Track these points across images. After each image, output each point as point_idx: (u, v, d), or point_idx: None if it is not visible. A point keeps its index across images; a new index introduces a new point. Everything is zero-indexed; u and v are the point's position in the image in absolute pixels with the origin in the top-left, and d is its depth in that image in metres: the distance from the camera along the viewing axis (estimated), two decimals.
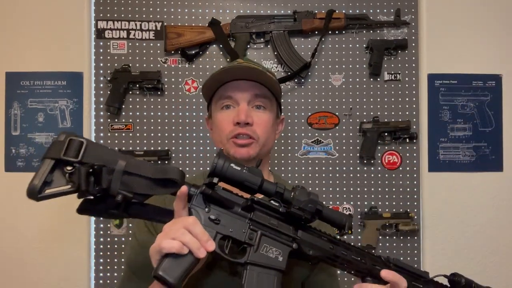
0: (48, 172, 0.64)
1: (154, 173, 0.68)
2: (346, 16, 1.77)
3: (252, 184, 0.71)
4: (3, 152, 1.74)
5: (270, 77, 0.96)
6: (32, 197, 0.63)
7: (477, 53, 1.81)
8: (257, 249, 0.72)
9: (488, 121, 1.80)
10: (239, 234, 0.72)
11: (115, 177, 0.66)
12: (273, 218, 0.74)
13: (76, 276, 1.72)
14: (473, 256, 1.77)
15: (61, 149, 0.65)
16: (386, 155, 1.78)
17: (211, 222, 0.70)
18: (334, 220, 0.74)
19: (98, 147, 0.69)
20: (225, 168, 0.70)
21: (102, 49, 1.78)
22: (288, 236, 0.74)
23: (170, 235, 0.65)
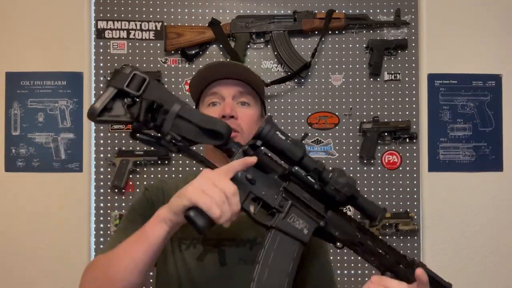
0: (110, 98, 0.68)
1: (204, 123, 0.71)
2: (346, 16, 1.77)
3: (293, 155, 0.72)
4: (3, 152, 1.74)
5: (253, 73, 1.00)
6: (91, 118, 0.68)
7: (477, 53, 1.81)
8: (285, 217, 0.73)
9: (488, 121, 1.80)
10: (271, 199, 0.73)
11: (168, 118, 0.70)
12: (306, 193, 0.75)
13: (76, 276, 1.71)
14: (473, 256, 1.77)
15: (125, 80, 0.69)
16: (386, 155, 1.79)
17: (246, 181, 0.72)
18: (367, 209, 0.74)
19: (159, 87, 0.73)
20: (270, 134, 0.72)
21: (102, 49, 1.78)
22: (317, 213, 0.75)
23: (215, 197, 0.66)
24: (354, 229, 0.75)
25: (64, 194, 1.73)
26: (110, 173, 1.73)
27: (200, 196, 0.65)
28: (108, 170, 1.74)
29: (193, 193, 0.66)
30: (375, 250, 0.75)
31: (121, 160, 1.71)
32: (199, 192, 0.66)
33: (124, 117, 0.69)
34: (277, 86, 1.78)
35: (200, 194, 0.66)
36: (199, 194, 0.65)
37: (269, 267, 0.71)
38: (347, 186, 0.71)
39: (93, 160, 1.76)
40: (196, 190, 0.66)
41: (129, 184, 1.74)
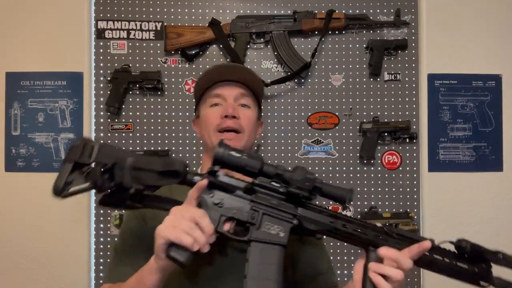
0: (68, 173, 0.73)
1: (160, 166, 0.76)
2: (346, 16, 1.77)
3: (252, 168, 0.76)
4: (3, 152, 1.74)
5: (256, 77, 1.04)
6: (57, 195, 0.72)
7: (477, 53, 1.81)
8: (259, 227, 0.77)
9: (488, 121, 1.80)
10: (242, 215, 0.78)
11: (126, 172, 0.75)
12: (274, 198, 0.79)
13: (76, 276, 1.72)
14: None
15: (78, 152, 0.75)
16: (386, 155, 1.79)
17: (215, 206, 0.77)
18: (334, 195, 0.77)
19: (110, 148, 0.78)
20: (225, 155, 0.76)
21: (102, 49, 1.78)
22: (288, 213, 0.78)
23: (183, 227, 0.71)
24: (327, 217, 0.79)
25: None
26: None
27: (170, 231, 0.71)
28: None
29: (164, 230, 0.71)
30: (351, 231, 0.78)
31: None
32: (169, 228, 0.71)
33: (86, 186, 0.75)
34: (277, 86, 1.78)
35: (170, 229, 0.71)
36: (169, 230, 0.71)
37: (257, 279, 0.75)
38: (307, 181, 0.76)
39: None
40: (166, 227, 0.72)
41: None
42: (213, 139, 1.00)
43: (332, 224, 0.78)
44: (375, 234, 0.79)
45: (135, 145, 1.75)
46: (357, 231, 0.78)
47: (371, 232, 0.79)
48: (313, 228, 0.79)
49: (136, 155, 0.78)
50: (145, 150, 1.74)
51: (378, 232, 0.79)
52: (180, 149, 1.77)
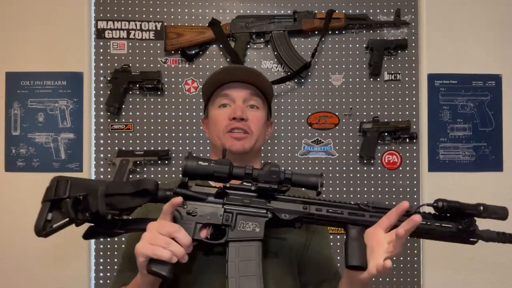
0: (46, 212, 0.79)
1: (131, 189, 0.80)
2: (346, 16, 1.77)
3: (221, 174, 0.79)
4: (3, 152, 1.74)
5: (265, 79, 1.05)
6: (39, 235, 0.78)
7: (477, 53, 1.81)
8: (234, 227, 0.81)
9: (488, 121, 1.80)
10: (216, 219, 0.81)
11: (100, 201, 0.79)
12: (246, 197, 0.83)
13: (76, 276, 1.72)
14: (472, 256, 1.77)
15: (52, 191, 0.81)
16: (386, 155, 1.79)
17: (189, 216, 0.81)
18: (304, 183, 0.81)
19: (82, 181, 0.83)
20: (194, 166, 0.79)
21: (102, 49, 1.78)
22: (261, 208, 0.82)
23: (160, 243, 0.74)
24: (299, 205, 0.82)
25: None
26: (110, 173, 1.73)
27: (148, 248, 0.74)
28: (108, 170, 1.74)
29: (142, 248, 0.75)
30: (326, 213, 0.81)
31: (121, 160, 1.71)
32: (147, 245, 0.74)
33: (65, 221, 0.79)
34: (277, 86, 1.78)
35: (147, 246, 0.74)
36: (147, 247, 0.74)
37: (237, 277, 0.78)
38: (273, 174, 0.80)
39: (93, 160, 1.76)
40: (144, 244, 0.75)
41: None
42: (222, 140, 1.01)
43: (305, 210, 0.81)
44: (351, 211, 0.81)
45: (135, 145, 1.75)
46: (332, 212, 0.81)
47: (347, 211, 0.81)
48: (288, 218, 0.82)
49: (107, 183, 0.82)
50: (145, 150, 1.74)
51: (353, 209, 0.82)
52: (180, 149, 1.77)
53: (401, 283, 1.75)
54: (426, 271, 1.76)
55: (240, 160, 1.02)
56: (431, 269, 1.76)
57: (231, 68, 1.04)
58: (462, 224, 0.80)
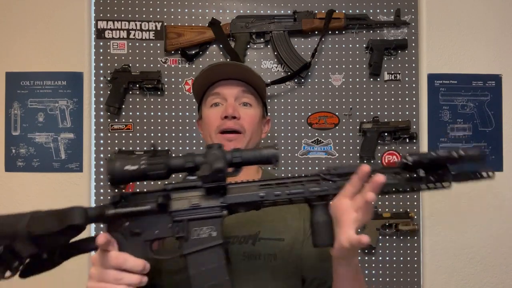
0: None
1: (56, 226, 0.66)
2: (346, 16, 1.77)
3: (157, 173, 0.69)
4: (3, 152, 1.74)
5: (255, 74, 1.00)
6: None
7: (477, 53, 1.81)
8: (188, 237, 0.70)
9: (488, 121, 1.80)
10: (166, 232, 0.71)
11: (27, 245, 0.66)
12: (194, 198, 0.72)
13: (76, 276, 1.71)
14: (473, 256, 1.78)
15: None
16: (386, 155, 1.79)
17: (134, 236, 0.70)
18: (257, 159, 0.71)
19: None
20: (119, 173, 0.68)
21: (102, 49, 1.78)
22: (214, 207, 0.71)
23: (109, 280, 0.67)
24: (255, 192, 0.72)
25: (64, 194, 1.73)
26: None
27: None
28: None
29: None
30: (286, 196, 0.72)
31: None
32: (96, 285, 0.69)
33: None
34: (277, 86, 1.78)
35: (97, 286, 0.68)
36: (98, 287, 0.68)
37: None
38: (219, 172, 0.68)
39: (93, 160, 1.76)
40: (94, 284, 0.69)
41: (129, 184, 1.73)
42: (214, 141, 0.98)
43: (263, 198, 0.71)
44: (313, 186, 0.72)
45: (135, 145, 1.75)
46: (293, 192, 0.72)
47: (308, 187, 0.72)
48: (245, 210, 0.73)
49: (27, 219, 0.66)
50: (145, 150, 1.74)
51: (315, 182, 0.72)
52: (180, 149, 1.77)
53: (401, 283, 1.75)
54: (426, 271, 1.76)
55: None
56: (431, 269, 1.76)
57: (219, 65, 0.99)
58: (434, 176, 0.71)
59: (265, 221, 0.92)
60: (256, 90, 1.03)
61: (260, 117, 1.04)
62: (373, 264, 1.76)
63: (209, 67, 0.99)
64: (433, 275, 1.76)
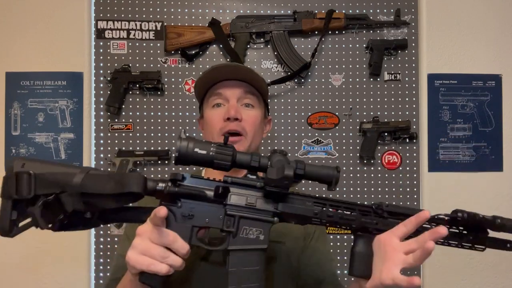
0: (10, 211, 0.65)
1: (113, 187, 0.65)
2: (346, 16, 1.77)
3: (223, 163, 0.69)
4: (3, 152, 1.74)
5: (257, 75, 1.01)
6: (6, 235, 0.66)
7: (477, 53, 1.81)
8: (236, 234, 0.71)
9: (488, 121, 1.80)
10: (216, 222, 0.71)
11: (76, 200, 0.65)
12: (251, 196, 0.72)
13: (76, 276, 1.72)
14: (473, 256, 1.78)
15: (13, 187, 0.65)
16: (386, 155, 1.79)
17: (184, 218, 0.70)
18: (319, 178, 0.71)
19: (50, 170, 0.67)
20: (189, 152, 0.68)
21: (102, 49, 1.78)
22: (268, 211, 0.72)
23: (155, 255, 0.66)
24: (310, 208, 0.72)
25: None
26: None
27: (142, 261, 0.66)
28: (108, 170, 1.74)
29: (134, 261, 0.67)
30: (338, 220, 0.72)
31: (121, 160, 1.71)
32: (140, 257, 0.66)
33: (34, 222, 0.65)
34: (277, 86, 1.78)
35: (141, 259, 0.66)
36: (140, 260, 0.66)
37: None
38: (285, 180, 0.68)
39: (93, 160, 1.76)
40: (137, 256, 0.67)
41: None
42: None
43: (316, 215, 0.72)
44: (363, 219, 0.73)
45: (135, 145, 1.75)
46: (344, 218, 0.73)
47: (359, 217, 0.73)
48: (295, 222, 0.73)
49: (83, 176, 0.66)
50: (145, 150, 1.74)
51: (366, 214, 0.73)
52: None
53: None
54: (426, 271, 1.76)
55: None
56: (431, 269, 1.76)
57: (222, 66, 0.99)
58: (475, 237, 0.76)
59: None
60: (258, 91, 1.02)
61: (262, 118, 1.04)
62: None
63: (213, 67, 0.99)
64: (433, 275, 1.76)
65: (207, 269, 0.88)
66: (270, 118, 1.12)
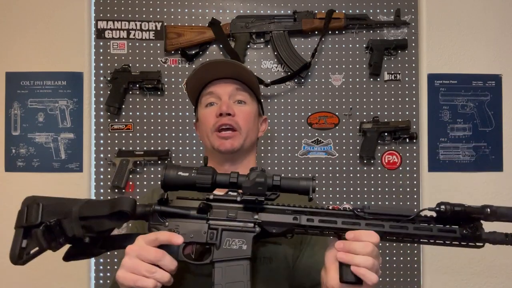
0: (21, 239, 0.76)
1: (106, 210, 0.73)
2: (346, 16, 1.77)
3: (204, 184, 0.74)
4: (3, 152, 1.74)
5: (248, 71, 1.02)
6: (16, 263, 0.74)
7: (477, 53, 1.81)
8: (219, 246, 0.75)
9: (488, 121, 1.80)
10: (200, 237, 0.75)
11: (75, 225, 0.74)
12: (232, 210, 0.76)
13: (76, 276, 1.72)
14: (473, 256, 1.78)
15: (23, 217, 0.77)
16: (386, 155, 1.78)
17: None
18: (295, 189, 0.75)
19: (54, 202, 0.78)
20: (173, 177, 0.74)
21: (102, 49, 1.78)
22: (248, 222, 0.76)
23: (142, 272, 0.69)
24: (289, 216, 0.75)
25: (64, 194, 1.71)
26: (110, 173, 1.73)
27: (130, 278, 0.69)
28: (108, 170, 1.75)
29: (123, 278, 0.70)
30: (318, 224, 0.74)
31: (121, 160, 1.71)
32: (128, 275, 0.70)
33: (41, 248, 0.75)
34: (277, 86, 1.78)
35: (129, 277, 0.69)
36: (129, 277, 0.69)
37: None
38: (259, 185, 0.73)
39: (93, 160, 1.76)
40: (125, 273, 0.70)
41: (129, 184, 1.74)
42: (211, 140, 0.99)
43: (295, 221, 0.75)
44: (345, 220, 0.74)
45: (135, 145, 1.75)
46: (325, 222, 0.74)
47: (341, 220, 0.74)
48: (277, 231, 0.76)
49: (82, 203, 0.76)
50: (145, 150, 1.74)
51: (348, 218, 0.74)
52: (180, 149, 1.77)
53: (401, 283, 1.75)
54: (426, 271, 1.76)
55: (232, 159, 1.01)
56: (431, 269, 1.76)
57: (210, 63, 1.00)
58: (467, 229, 0.75)
59: None
60: (250, 88, 1.03)
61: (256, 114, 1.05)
62: None
63: (201, 66, 1.00)
64: (433, 275, 1.76)
65: (195, 283, 0.88)
66: (265, 117, 1.13)
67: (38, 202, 0.76)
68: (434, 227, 0.74)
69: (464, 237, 0.75)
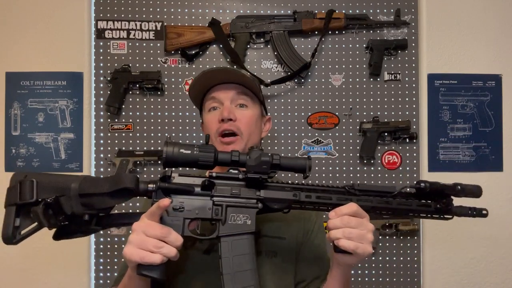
0: (13, 218, 0.70)
1: (108, 187, 0.71)
2: (346, 16, 1.77)
3: (206, 161, 0.76)
4: (3, 152, 1.74)
5: (248, 78, 1.04)
6: (9, 243, 0.70)
7: (477, 53, 1.81)
8: (225, 221, 0.77)
9: (488, 121, 1.80)
10: (205, 213, 0.77)
11: (74, 202, 0.71)
12: (235, 187, 0.79)
13: (76, 276, 1.72)
14: (473, 256, 1.78)
15: (16, 193, 0.71)
16: (386, 155, 1.79)
17: (176, 211, 0.76)
18: (293, 167, 0.79)
19: (49, 179, 0.73)
20: (175, 154, 0.75)
21: (102, 49, 1.78)
22: (251, 199, 0.79)
23: (149, 247, 0.70)
24: (289, 192, 0.80)
25: None
26: (110, 173, 1.73)
27: (137, 254, 0.70)
28: (108, 170, 1.75)
29: (130, 254, 0.70)
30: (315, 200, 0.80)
31: (121, 160, 1.71)
32: (135, 250, 0.70)
33: (34, 226, 0.70)
34: (277, 86, 1.78)
35: (136, 252, 0.70)
36: (136, 253, 0.70)
37: (233, 273, 0.76)
38: (264, 164, 0.76)
39: (93, 160, 1.76)
40: (132, 249, 0.70)
41: None
42: (215, 144, 1.00)
43: (295, 197, 0.80)
44: (339, 196, 0.80)
45: (135, 145, 1.75)
46: (321, 198, 0.80)
47: (335, 196, 0.81)
48: (278, 206, 0.80)
49: (80, 180, 0.73)
50: (145, 150, 1.74)
51: (341, 194, 0.81)
52: None
53: (401, 283, 1.75)
54: (426, 271, 1.76)
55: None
56: (431, 269, 1.76)
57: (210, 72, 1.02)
58: (440, 204, 0.85)
59: (267, 220, 0.95)
60: (251, 91, 1.05)
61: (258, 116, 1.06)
62: (373, 264, 1.76)
63: (202, 73, 1.02)
64: (433, 275, 1.76)
65: (201, 258, 0.91)
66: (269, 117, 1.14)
67: (31, 178, 0.71)
68: (413, 202, 0.84)
69: (437, 210, 0.85)
